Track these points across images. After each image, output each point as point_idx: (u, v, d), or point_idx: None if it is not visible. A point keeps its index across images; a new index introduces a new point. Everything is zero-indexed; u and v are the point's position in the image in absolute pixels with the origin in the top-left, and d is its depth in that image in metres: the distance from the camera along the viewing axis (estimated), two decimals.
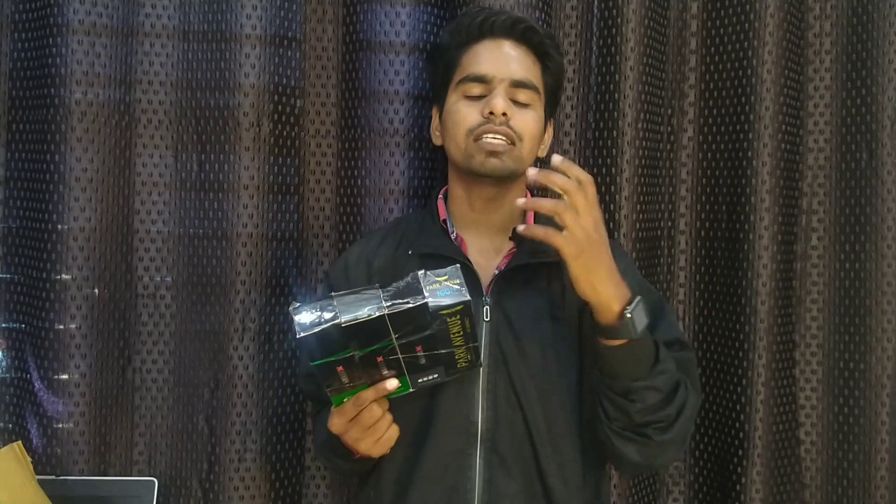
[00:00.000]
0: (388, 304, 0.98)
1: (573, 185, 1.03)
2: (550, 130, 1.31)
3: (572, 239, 1.03)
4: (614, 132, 1.53)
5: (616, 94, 1.52)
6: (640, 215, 1.55)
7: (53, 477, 1.44)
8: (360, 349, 0.99)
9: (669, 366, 1.13)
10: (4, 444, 1.33)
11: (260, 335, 1.50)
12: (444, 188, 1.31)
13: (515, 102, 1.20)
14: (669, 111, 1.62)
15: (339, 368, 1.00)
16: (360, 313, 0.97)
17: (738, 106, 1.57)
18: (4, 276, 1.55)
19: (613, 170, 1.53)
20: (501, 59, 1.21)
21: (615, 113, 1.52)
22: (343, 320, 0.97)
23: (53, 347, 1.46)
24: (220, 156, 1.50)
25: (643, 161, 1.54)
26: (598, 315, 1.08)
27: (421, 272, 1.02)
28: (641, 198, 1.55)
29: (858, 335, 1.58)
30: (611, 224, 1.53)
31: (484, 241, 1.25)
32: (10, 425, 1.52)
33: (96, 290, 1.47)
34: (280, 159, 1.52)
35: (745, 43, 1.55)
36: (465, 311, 1.00)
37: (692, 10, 1.62)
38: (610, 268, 1.07)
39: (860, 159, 1.59)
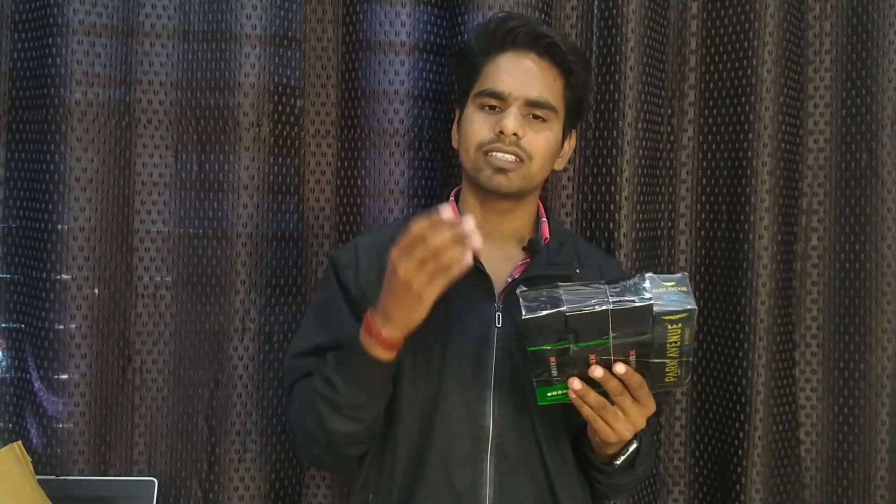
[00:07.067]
0: (614, 300, 0.97)
1: (618, 387, 1.03)
2: (572, 142, 1.31)
3: (611, 434, 1.07)
4: (614, 132, 1.52)
5: (616, 94, 1.52)
6: (640, 215, 1.55)
7: (53, 477, 1.44)
8: (576, 343, 0.98)
9: (648, 463, 1.22)
10: (4, 444, 1.33)
11: (260, 335, 1.50)
12: (456, 189, 1.31)
13: (533, 117, 1.20)
14: (669, 111, 1.62)
15: (552, 360, 1.00)
16: (584, 305, 0.97)
17: (738, 106, 1.56)
18: (4, 276, 1.55)
19: (613, 170, 1.52)
20: (520, 76, 1.20)
21: (615, 113, 1.52)
22: (567, 309, 0.96)
23: (53, 347, 1.46)
24: (220, 156, 1.50)
25: (643, 161, 1.54)
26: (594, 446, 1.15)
27: (648, 274, 1.00)
28: (641, 198, 1.55)
29: (858, 335, 1.58)
30: (611, 224, 1.53)
31: (496, 249, 1.24)
32: (10, 425, 1.53)
33: (96, 290, 1.47)
34: (280, 159, 1.52)
35: (745, 43, 1.55)
36: (689, 321, 0.98)
37: (692, 10, 1.62)
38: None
39: (860, 159, 1.58)
